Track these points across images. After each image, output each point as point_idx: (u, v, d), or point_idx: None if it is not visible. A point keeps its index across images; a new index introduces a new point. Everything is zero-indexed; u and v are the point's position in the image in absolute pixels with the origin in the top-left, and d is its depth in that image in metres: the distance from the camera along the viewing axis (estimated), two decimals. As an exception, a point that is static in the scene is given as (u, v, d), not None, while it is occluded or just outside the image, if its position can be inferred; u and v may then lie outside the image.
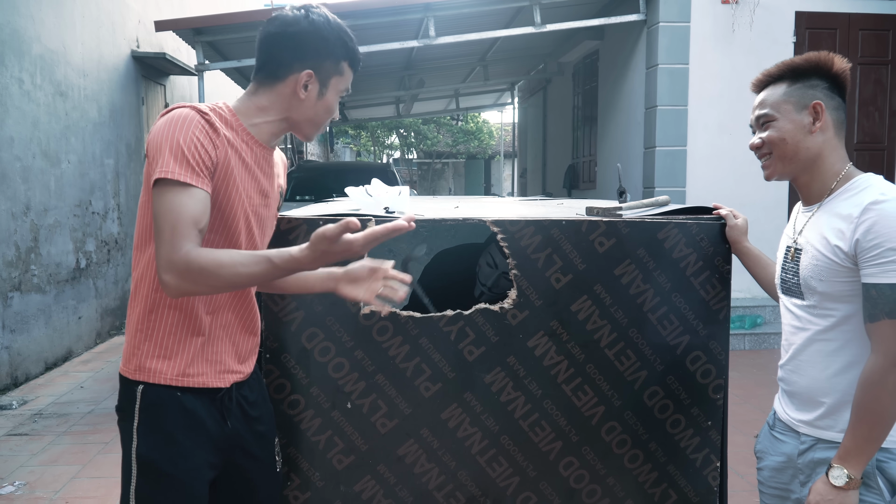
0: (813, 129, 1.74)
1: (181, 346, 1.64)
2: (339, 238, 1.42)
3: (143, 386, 1.63)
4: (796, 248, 1.79)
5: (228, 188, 1.60)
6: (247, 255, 1.48)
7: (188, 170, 1.50)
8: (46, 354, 6.22)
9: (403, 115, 16.57)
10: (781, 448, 1.86)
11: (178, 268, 1.45)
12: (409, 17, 7.34)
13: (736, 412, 4.81)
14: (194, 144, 1.52)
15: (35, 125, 6.06)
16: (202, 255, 1.46)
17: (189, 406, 1.64)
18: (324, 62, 1.68)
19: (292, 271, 1.51)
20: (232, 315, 1.73)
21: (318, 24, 1.67)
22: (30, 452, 4.35)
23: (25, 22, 5.92)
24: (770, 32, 7.22)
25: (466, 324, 2.02)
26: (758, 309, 7.11)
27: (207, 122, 1.56)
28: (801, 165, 1.77)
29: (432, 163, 29.69)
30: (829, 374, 1.72)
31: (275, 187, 1.80)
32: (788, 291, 1.82)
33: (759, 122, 1.82)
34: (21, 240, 5.81)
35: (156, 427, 1.63)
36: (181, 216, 1.47)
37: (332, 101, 1.72)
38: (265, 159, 1.73)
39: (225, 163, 1.59)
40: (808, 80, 1.77)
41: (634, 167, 7.75)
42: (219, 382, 1.70)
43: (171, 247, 1.46)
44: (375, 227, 1.46)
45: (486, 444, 2.05)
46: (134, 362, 1.65)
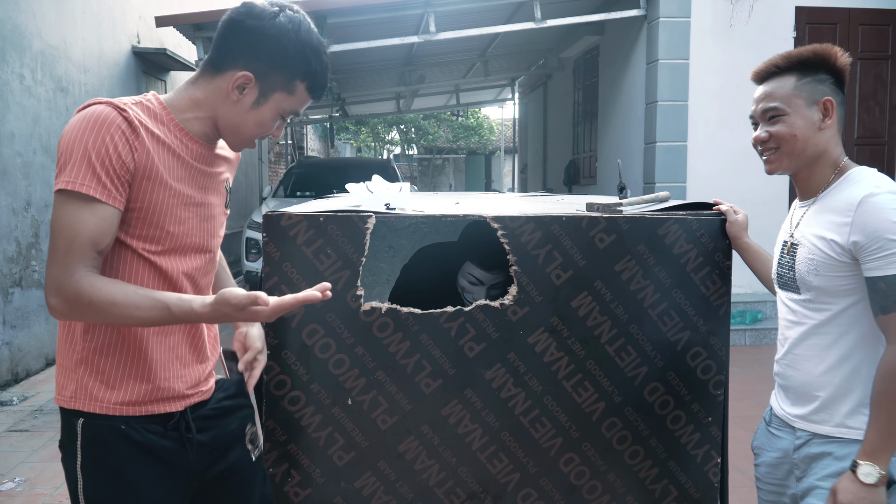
0: (823, 125, 1.72)
1: (122, 370, 1.48)
2: (245, 308, 1.33)
3: (83, 419, 1.47)
4: (792, 243, 1.79)
5: (153, 192, 1.44)
6: (145, 297, 1.35)
7: (95, 182, 1.35)
8: (47, 350, 6.22)
9: (404, 111, 16.55)
10: (777, 444, 1.86)
11: (67, 295, 1.33)
12: (410, 13, 7.33)
13: (736, 408, 4.82)
14: (107, 151, 1.36)
15: (36, 121, 6.05)
16: (95, 287, 1.33)
17: (137, 438, 1.49)
18: (272, 71, 1.49)
19: (191, 322, 1.41)
20: (181, 336, 1.57)
21: (281, 29, 1.48)
22: (30, 448, 4.35)
23: (26, 17, 5.92)
24: (770, 27, 7.21)
25: (467, 320, 2.02)
26: (758, 304, 7.12)
27: (126, 122, 1.39)
28: (806, 161, 1.76)
29: (433, 158, 29.68)
30: (823, 369, 1.73)
31: (219, 183, 1.64)
32: (784, 286, 1.83)
33: (766, 115, 1.78)
34: (22, 235, 5.81)
35: (101, 464, 1.48)
36: (79, 234, 1.34)
37: (266, 116, 1.53)
38: (204, 156, 1.57)
39: (148, 164, 1.42)
40: (816, 74, 1.74)
41: (635, 163, 7.75)
42: (168, 408, 1.53)
43: (62, 269, 1.33)
44: (285, 297, 1.37)
45: (487, 441, 2.05)
46: (70, 388, 1.48)
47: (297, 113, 1.59)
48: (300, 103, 1.57)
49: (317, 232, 1.98)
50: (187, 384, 1.59)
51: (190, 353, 1.60)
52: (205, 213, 1.59)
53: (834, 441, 1.72)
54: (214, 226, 1.64)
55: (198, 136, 1.55)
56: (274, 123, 1.57)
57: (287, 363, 2.01)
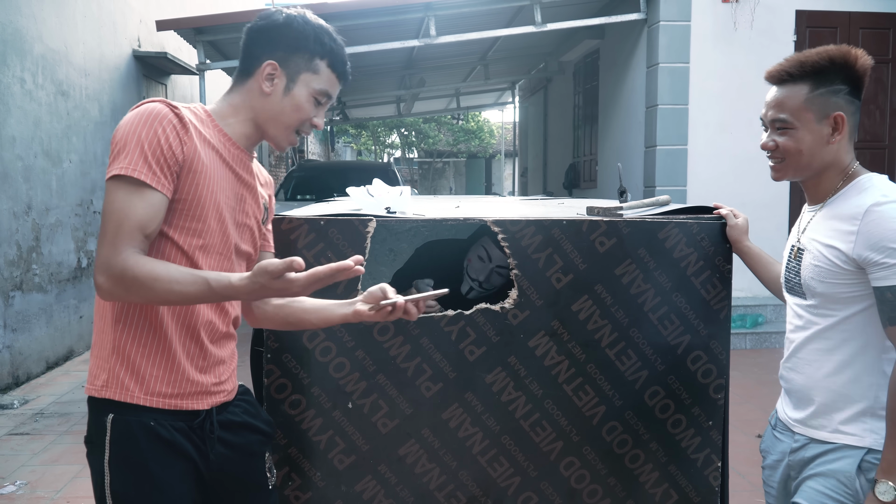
0: (832, 140, 1.68)
1: (151, 361, 1.53)
2: (280, 275, 1.36)
3: (112, 415, 1.51)
4: (799, 248, 1.76)
5: (198, 186, 1.52)
6: (185, 273, 1.41)
7: (147, 169, 1.43)
8: (48, 354, 6.22)
9: (404, 115, 16.57)
10: (778, 447, 1.86)
11: (114, 272, 1.39)
12: (410, 17, 7.34)
13: (737, 412, 4.81)
14: (158, 142, 1.45)
15: (37, 125, 6.06)
16: (140, 264, 1.40)
17: (165, 435, 1.53)
18: (293, 55, 1.60)
19: (228, 298, 1.44)
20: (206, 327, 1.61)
21: (290, 18, 1.62)
22: (31, 452, 4.35)
23: (27, 21, 5.93)
24: (770, 31, 7.21)
25: (467, 324, 2.02)
26: (759, 308, 7.11)
27: (177, 117, 1.49)
28: (813, 172, 1.73)
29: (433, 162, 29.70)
30: (823, 373, 1.72)
31: (256, 198, 1.71)
32: (791, 290, 1.81)
33: (775, 125, 1.74)
34: (23, 239, 5.82)
35: (129, 460, 1.52)
36: (128, 217, 1.42)
37: (300, 98, 1.61)
38: (243, 162, 1.65)
39: (195, 159, 1.51)
40: (831, 84, 1.67)
41: (635, 166, 7.75)
42: (195, 405, 1.58)
43: (112, 249, 1.40)
44: (318, 267, 1.39)
45: (487, 444, 2.05)
46: (102, 378, 1.53)
47: (330, 96, 1.65)
48: (328, 82, 1.64)
49: (318, 236, 1.98)
50: (211, 379, 1.62)
51: (211, 345, 1.63)
52: (237, 219, 1.64)
53: (828, 446, 1.71)
54: (244, 233, 1.67)
55: (238, 140, 1.64)
56: (310, 107, 1.63)
57: (288, 367, 2.01)
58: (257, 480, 1.75)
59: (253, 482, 1.74)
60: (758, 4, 7.09)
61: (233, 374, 1.72)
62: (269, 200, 1.80)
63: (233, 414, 1.69)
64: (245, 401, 1.76)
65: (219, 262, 1.59)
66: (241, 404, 1.74)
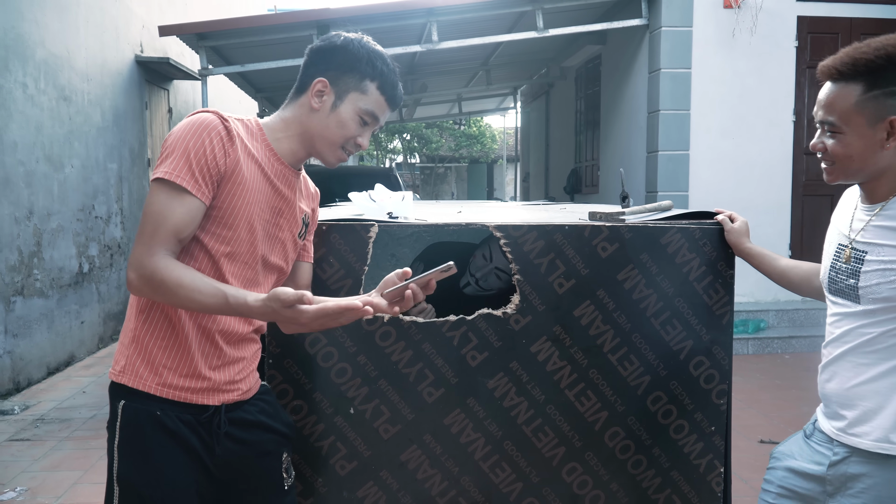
0: (887, 146, 1.55)
1: (166, 353, 1.59)
2: (291, 304, 1.41)
3: (124, 402, 1.59)
4: (854, 250, 1.64)
5: (235, 196, 1.58)
6: (208, 285, 1.47)
7: (189, 176, 1.51)
8: (49, 359, 6.22)
9: (406, 120, 16.57)
10: (814, 457, 1.74)
11: (145, 272, 1.47)
12: (412, 22, 7.35)
13: (739, 417, 4.80)
14: (203, 150, 1.52)
15: (39, 130, 6.07)
16: (169, 269, 1.47)
17: (170, 426, 1.59)
18: (344, 74, 1.66)
19: (242, 315, 1.49)
20: (223, 332, 1.65)
21: (347, 40, 1.68)
22: (31, 458, 4.35)
23: (29, 27, 5.94)
24: (772, 37, 7.22)
25: (469, 329, 2.02)
26: (761, 313, 7.10)
27: (225, 129, 1.56)
28: (867, 176, 1.62)
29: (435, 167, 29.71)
30: (868, 378, 1.62)
31: (295, 214, 1.75)
32: (839, 293, 1.69)
33: (824, 126, 1.62)
34: (24, 244, 5.82)
35: (135, 446, 1.59)
36: (166, 220, 1.49)
37: (345, 116, 1.66)
38: (287, 179, 1.71)
39: (236, 170, 1.57)
40: (887, 84, 1.52)
41: (637, 171, 7.75)
42: (205, 399, 1.63)
43: (146, 248, 1.48)
44: (328, 303, 1.44)
45: (489, 450, 2.05)
46: (121, 363, 1.62)
47: (377, 117, 1.70)
48: (376, 104, 1.69)
49: (319, 241, 1.98)
50: (224, 378, 1.66)
51: (227, 346, 1.67)
52: (270, 232, 1.69)
53: (872, 460, 1.61)
54: (275, 246, 1.71)
55: (285, 156, 1.70)
56: (355, 126, 1.68)
57: (290, 372, 2.01)
58: (272, 479, 1.78)
59: (267, 481, 1.77)
60: (760, 10, 7.10)
61: (251, 375, 1.76)
62: (311, 214, 1.85)
63: (247, 412, 1.73)
64: (264, 400, 1.79)
65: (242, 271, 1.64)
66: (259, 403, 1.77)
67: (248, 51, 7.62)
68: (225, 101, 11.49)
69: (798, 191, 7.44)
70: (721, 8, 7.16)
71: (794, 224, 7.45)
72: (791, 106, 7.32)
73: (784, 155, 7.36)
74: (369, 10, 7.23)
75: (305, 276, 1.88)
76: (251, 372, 1.75)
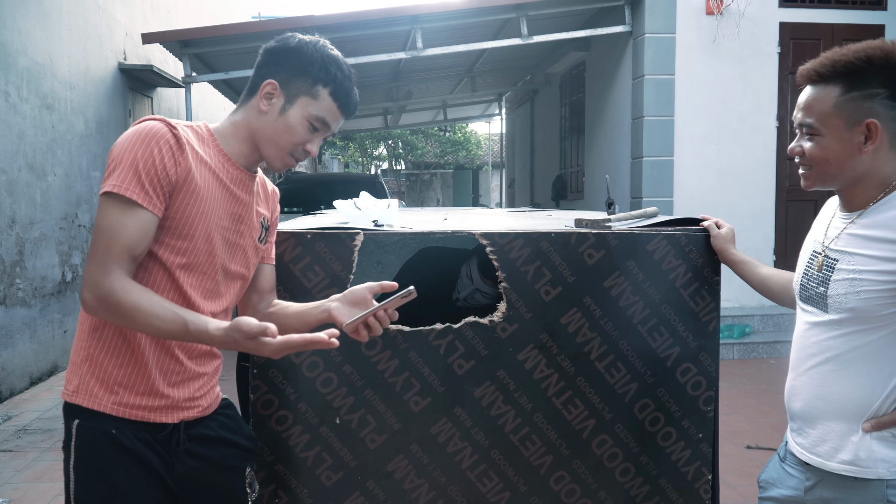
0: (864, 149, 1.52)
1: (122, 371, 1.54)
2: (254, 336, 1.38)
3: (78, 421, 1.54)
4: (826, 257, 1.61)
5: (188, 205, 1.53)
6: (167, 310, 1.43)
7: (139, 188, 1.45)
8: (31, 369, 6.15)
9: (391, 127, 16.58)
10: (789, 482, 1.71)
11: (101, 293, 1.42)
12: (397, 29, 7.36)
13: (726, 422, 4.82)
14: (152, 161, 1.46)
15: (21, 138, 6.01)
16: (125, 291, 1.42)
17: (127, 444, 1.54)
18: (295, 77, 1.61)
19: (202, 342, 1.46)
20: (183, 347, 1.61)
21: (302, 43, 1.63)
22: (14, 469, 4.29)
23: (12, 35, 5.89)
24: (755, 43, 7.28)
25: (456, 337, 2.01)
26: (746, 318, 7.14)
27: (174, 137, 1.50)
28: (845, 182, 1.58)
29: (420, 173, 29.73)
30: (837, 395, 1.58)
31: (253, 215, 1.70)
32: (809, 300, 1.66)
33: (802, 129, 1.60)
34: (6, 253, 5.76)
35: (91, 466, 1.54)
36: (118, 238, 1.44)
37: (293, 121, 1.60)
38: (244, 183, 1.66)
39: (188, 180, 1.52)
40: (866, 86, 1.50)
41: (622, 177, 7.78)
42: (163, 418, 1.58)
43: (100, 268, 1.43)
44: (293, 336, 1.40)
45: (477, 459, 2.04)
46: (74, 383, 1.56)
47: (327, 124, 1.64)
48: (327, 111, 1.63)
49: (304, 249, 1.96)
50: (184, 394, 1.61)
51: (189, 361, 1.62)
52: (230, 239, 1.64)
53: (844, 484, 1.58)
54: (235, 253, 1.66)
55: (237, 159, 1.64)
56: (304, 131, 1.62)
57: (274, 382, 1.99)
58: (236, 495, 1.73)
59: (230, 497, 1.72)
60: (742, 17, 7.16)
61: (211, 390, 1.71)
62: (270, 217, 1.80)
63: (208, 428, 1.68)
64: (225, 415, 1.75)
65: (201, 282, 1.59)
66: (220, 419, 1.72)
67: (233, 58, 7.59)
68: (209, 109, 11.44)
69: (782, 196, 7.50)
70: (703, 14, 7.21)
71: (778, 229, 7.50)
72: (774, 111, 7.38)
73: (767, 160, 7.42)
74: (354, 17, 7.23)
75: (267, 279, 1.83)
76: (212, 387, 1.71)
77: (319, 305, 1.70)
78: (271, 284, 1.84)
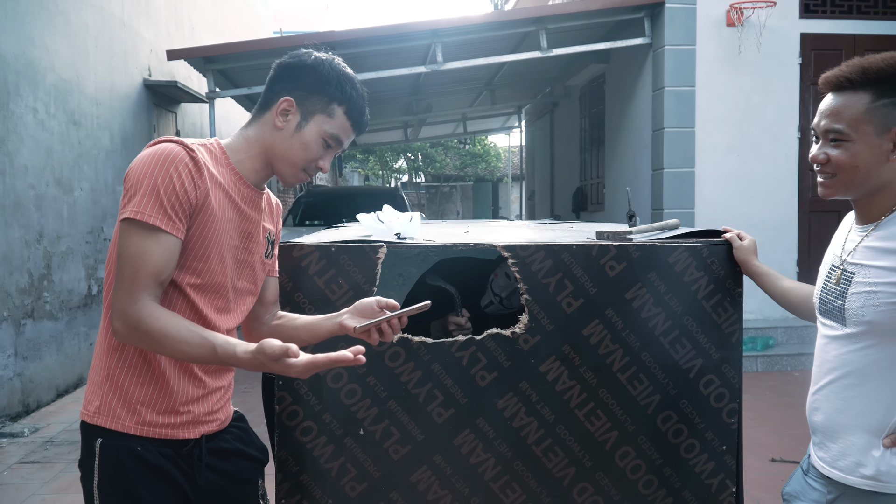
0: (892, 157, 1.52)
1: (143, 391, 1.55)
2: (278, 358, 1.38)
3: (101, 440, 1.54)
4: (844, 271, 1.61)
5: (205, 228, 1.54)
6: (195, 335, 1.44)
7: (162, 214, 1.45)
8: (58, 381, 6.23)
9: (411, 140, 16.66)
10: (811, 495, 1.70)
11: (130, 321, 1.43)
12: (417, 44, 7.41)
13: (750, 435, 4.77)
14: (173, 185, 1.46)
15: (49, 153, 6.12)
16: (153, 317, 1.42)
17: (152, 461, 1.55)
18: (311, 95, 1.61)
19: (232, 365, 1.47)
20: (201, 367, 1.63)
21: (318, 61, 1.63)
22: (41, 480, 4.35)
23: (40, 52, 6.01)
24: (776, 54, 7.25)
25: (478, 349, 2.02)
26: (769, 330, 7.07)
27: (192, 160, 1.50)
28: (867, 191, 1.58)
29: (440, 186, 29.80)
30: (856, 409, 1.58)
31: (261, 232, 1.72)
32: (828, 314, 1.66)
33: (828, 135, 1.57)
34: (34, 267, 5.85)
35: (117, 484, 1.54)
36: (144, 265, 1.44)
37: (309, 138, 1.61)
38: (253, 201, 1.67)
39: (206, 203, 1.52)
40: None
41: (643, 189, 7.76)
42: (185, 434, 1.60)
43: (128, 297, 1.43)
44: (318, 356, 1.40)
45: (500, 471, 2.04)
46: (95, 404, 1.56)
47: (341, 142, 1.66)
48: (342, 129, 1.65)
49: (328, 262, 1.99)
50: (204, 409, 1.64)
51: (207, 376, 1.64)
52: (240, 257, 1.66)
53: (865, 498, 1.57)
54: (243, 270, 1.68)
55: (248, 176, 1.65)
56: (318, 148, 1.63)
57: (299, 393, 2.01)
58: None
59: None
60: (763, 28, 7.14)
61: (227, 403, 1.74)
62: (275, 231, 1.82)
63: (224, 441, 1.71)
64: (238, 427, 1.78)
65: (214, 300, 1.61)
66: (234, 431, 1.75)
67: (255, 73, 7.69)
68: (232, 124, 11.57)
69: (805, 207, 7.44)
70: (724, 26, 7.20)
71: (801, 241, 7.44)
72: (796, 122, 7.34)
73: (790, 171, 7.37)
74: (374, 32, 7.30)
75: (272, 292, 1.84)
76: (227, 400, 1.74)
77: (330, 318, 1.72)
78: (275, 296, 1.87)
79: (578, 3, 7.51)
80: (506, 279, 2.54)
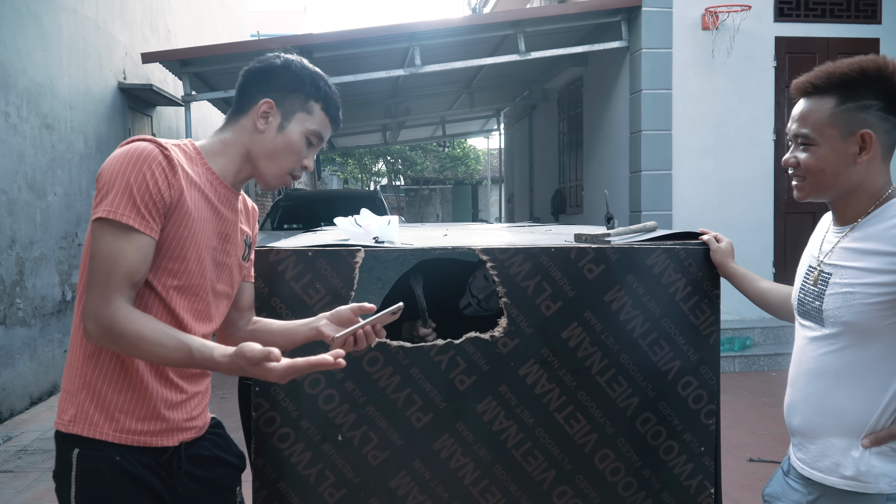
0: (858, 160, 1.55)
1: (121, 397, 1.52)
2: (258, 362, 1.36)
3: (78, 450, 1.51)
4: (821, 272, 1.62)
5: (181, 227, 1.52)
6: (171, 338, 1.41)
7: (135, 213, 1.43)
8: (31, 389, 6.14)
9: (390, 143, 16.64)
10: (792, 496, 1.71)
11: (103, 324, 1.40)
12: (395, 47, 7.41)
13: (727, 435, 4.80)
14: (147, 184, 1.44)
15: (21, 158, 6.03)
16: (128, 320, 1.40)
17: (131, 470, 1.52)
18: (289, 95, 1.63)
19: (208, 369, 1.45)
20: (177, 369, 1.60)
21: (289, 62, 1.65)
22: (14, 490, 4.27)
23: (11, 55, 5.93)
24: (751, 57, 7.32)
25: (457, 353, 2.01)
26: (747, 331, 7.13)
27: (166, 159, 1.48)
28: (839, 193, 1.60)
29: (420, 189, 29.78)
30: (835, 410, 1.59)
31: (238, 234, 1.71)
32: (806, 315, 1.67)
33: (797, 140, 1.62)
34: (6, 273, 5.76)
35: (96, 495, 1.51)
36: (117, 265, 1.41)
37: (294, 137, 1.62)
38: (229, 201, 1.65)
39: (181, 201, 1.50)
40: (860, 98, 1.53)
41: (621, 191, 7.80)
42: (164, 441, 1.57)
43: (102, 298, 1.40)
44: (298, 360, 1.38)
45: (479, 475, 2.03)
46: (70, 413, 1.53)
47: (322, 138, 1.68)
48: (321, 125, 1.66)
49: (305, 267, 1.97)
50: (183, 415, 1.61)
51: (184, 381, 1.62)
52: (218, 259, 1.64)
53: (845, 499, 1.58)
54: (222, 273, 1.66)
55: (225, 177, 1.64)
56: (302, 147, 1.64)
57: (276, 400, 1.99)
58: None
59: None
60: (737, 31, 7.21)
61: (205, 409, 1.72)
62: (251, 235, 1.80)
63: (202, 448, 1.69)
64: (216, 434, 1.76)
65: (193, 303, 1.59)
66: (212, 437, 1.74)
67: (232, 77, 7.61)
68: (209, 127, 11.48)
69: (780, 208, 7.52)
70: (699, 30, 7.26)
71: (777, 242, 7.52)
72: (771, 125, 7.42)
73: (765, 173, 7.44)
74: (352, 35, 7.29)
75: (247, 297, 1.82)
76: (205, 406, 1.72)
77: (307, 323, 1.71)
78: (251, 302, 1.85)
79: (556, 6, 7.55)
80: (484, 281, 2.53)
